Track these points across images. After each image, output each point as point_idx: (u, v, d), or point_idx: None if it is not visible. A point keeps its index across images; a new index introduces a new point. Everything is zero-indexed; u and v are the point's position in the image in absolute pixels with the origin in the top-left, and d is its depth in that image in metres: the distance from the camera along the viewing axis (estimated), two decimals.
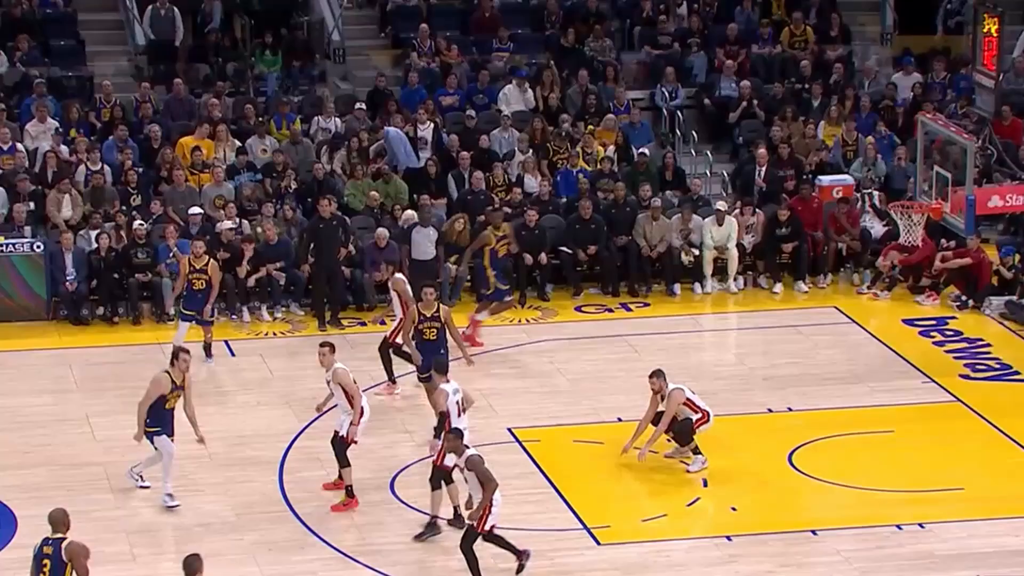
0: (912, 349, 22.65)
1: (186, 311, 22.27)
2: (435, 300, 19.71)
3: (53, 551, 13.44)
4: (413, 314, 19.56)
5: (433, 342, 19.53)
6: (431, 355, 19.14)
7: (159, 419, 17.72)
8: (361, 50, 30.25)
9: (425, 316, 19.56)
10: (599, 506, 17.78)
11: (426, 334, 19.65)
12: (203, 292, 22.06)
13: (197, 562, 13.73)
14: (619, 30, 30.54)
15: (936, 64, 29.78)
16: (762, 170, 26.60)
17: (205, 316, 22.19)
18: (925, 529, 17.28)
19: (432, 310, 19.59)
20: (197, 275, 22.02)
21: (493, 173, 26.05)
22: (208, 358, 22.18)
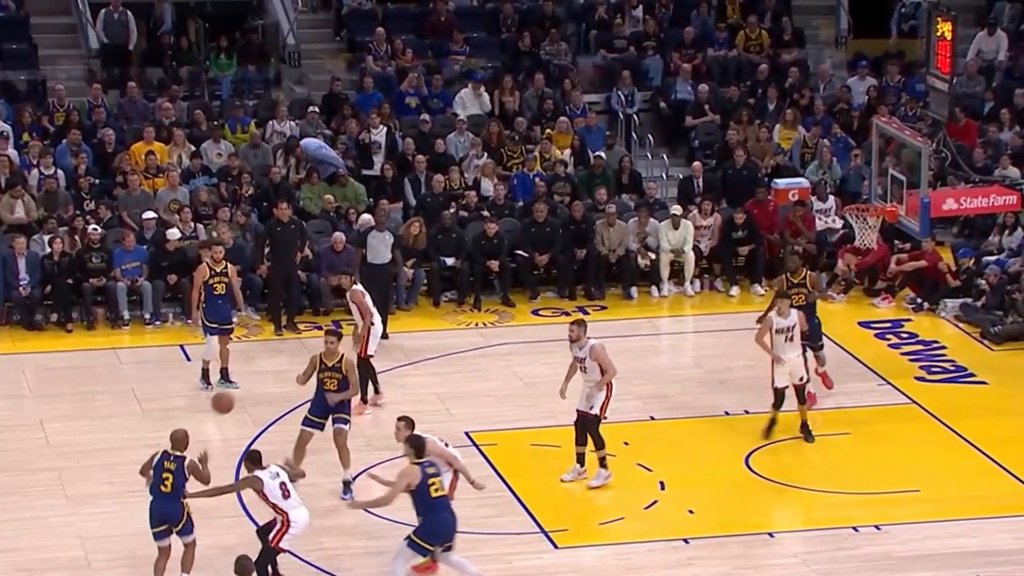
0: (868, 351, 22.75)
1: (210, 323, 21.24)
2: (338, 350, 18.14)
3: (176, 466, 15.64)
4: (314, 362, 18.21)
5: (332, 392, 18.18)
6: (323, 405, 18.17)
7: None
8: (316, 54, 30.20)
9: (327, 365, 18.07)
10: (556, 509, 17.78)
11: (326, 384, 18.10)
12: (224, 297, 21.30)
13: (249, 563, 14.26)
14: (575, 34, 30.58)
15: (890, 67, 29.94)
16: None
17: (240, 305, 21.95)
18: (882, 531, 17.35)
19: (334, 360, 18.11)
20: (218, 279, 21.22)
21: (449, 177, 26.04)
22: (209, 385, 21.21)
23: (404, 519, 16.29)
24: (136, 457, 17.99)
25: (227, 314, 21.37)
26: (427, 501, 15.25)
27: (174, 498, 15.79)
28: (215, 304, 21.22)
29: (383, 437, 19.67)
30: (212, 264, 21.34)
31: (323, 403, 18.17)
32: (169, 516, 15.87)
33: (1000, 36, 30.23)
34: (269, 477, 15.91)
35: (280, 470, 16.11)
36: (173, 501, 15.80)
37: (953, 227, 26.65)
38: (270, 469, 16.01)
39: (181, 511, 15.87)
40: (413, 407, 20.19)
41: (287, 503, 15.87)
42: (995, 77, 29.78)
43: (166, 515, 15.87)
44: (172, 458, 15.82)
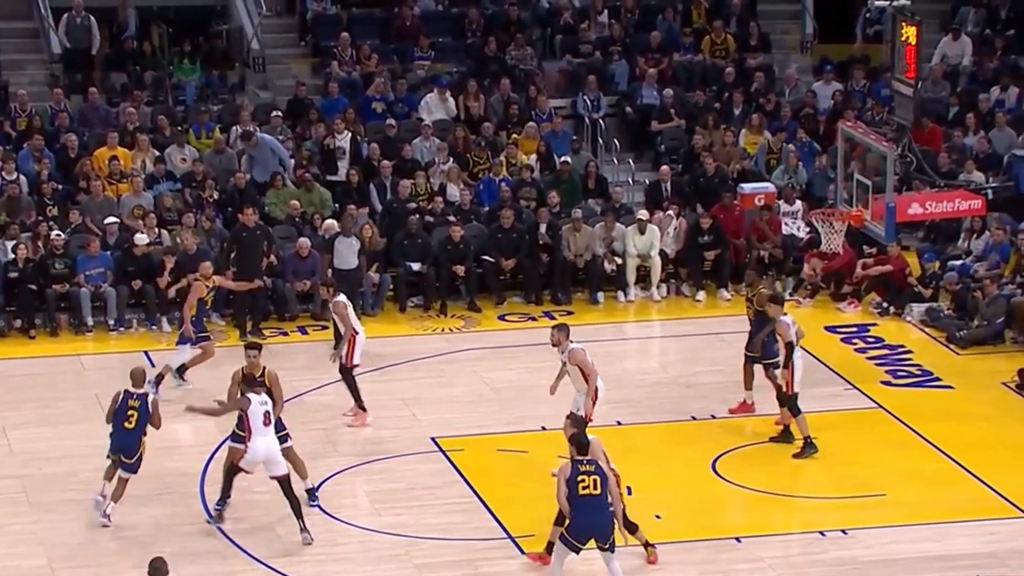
0: (834, 356, 22.85)
1: (199, 334, 21.69)
2: (259, 363, 17.87)
3: (140, 403, 16.98)
4: (237, 375, 18.00)
5: None
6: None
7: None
8: (280, 59, 30.18)
9: (253, 379, 17.91)
10: (523, 515, 17.80)
11: None
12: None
13: (164, 566, 14.05)
14: (540, 38, 30.63)
15: (856, 72, 30.09)
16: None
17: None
18: (848, 535, 17.42)
19: (257, 372, 17.82)
20: (210, 294, 21.73)
21: (415, 182, 26.07)
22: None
23: (370, 524, 16.29)
24: (101, 464, 17.99)
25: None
26: (575, 498, 15.19)
27: (135, 433, 17.32)
28: (206, 315, 21.89)
29: (348, 443, 19.74)
30: (205, 281, 21.57)
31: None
32: (125, 449, 17.34)
33: (964, 41, 30.41)
34: (258, 403, 16.94)
35: (267, 399, 17.11)
36: (134, 437, 17.32)
37: (919, 231, 26.81)
38: (261, 396, 17.05)
39: (137, 448, 17.35)
40: (379, 413, 20.30)
41: (258, 430, 16.87)
42: (959, 82, 29.96)
43: (123, 448, 17.36)
44: (135, 396, 17.31)
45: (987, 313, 23.26)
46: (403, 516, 17.75)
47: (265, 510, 17.87)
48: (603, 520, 15.30)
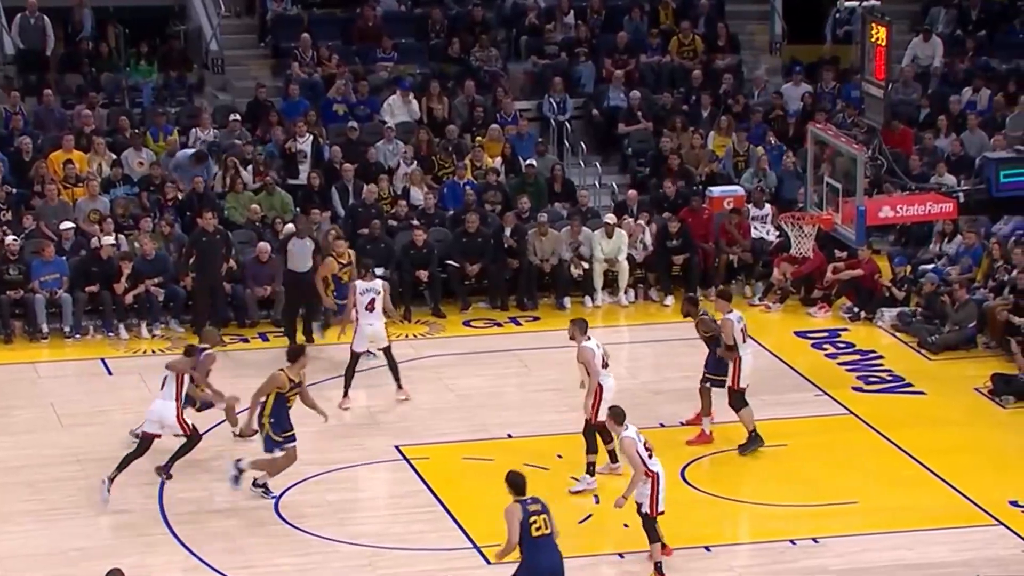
0: (804, 361, 22.94)
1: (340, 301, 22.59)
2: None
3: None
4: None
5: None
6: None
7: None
8: (240, 60, 30.16)
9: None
10: (490, 524, 17.76)
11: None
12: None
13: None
14: (505, 40, 30.69)
15: (825, 73, 30.23)
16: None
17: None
18: (819, 544, 17.50)
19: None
20: (345, 269, 22.66)
21: (379, 186, 26.06)
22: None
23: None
24: (57, 474, 17.97)
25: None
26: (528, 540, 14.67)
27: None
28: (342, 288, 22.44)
29: (311, 452, 19.73)
30: (339, 258, 22.67)
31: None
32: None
33: (935, 42, 30.59)
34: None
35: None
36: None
37: (890, 235, 26.94)
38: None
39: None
40: (342, 420, 20.32)
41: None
42: (930, 83, 30.13)
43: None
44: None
45: (958, 318, 23.38)
46: (367, 526, 17.77)
47: (228, 517, 17.87)
48: (558, 559, 14.86)
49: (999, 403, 21.44)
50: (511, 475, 14.90)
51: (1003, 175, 18.81)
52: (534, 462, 19.03)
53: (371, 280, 21.09)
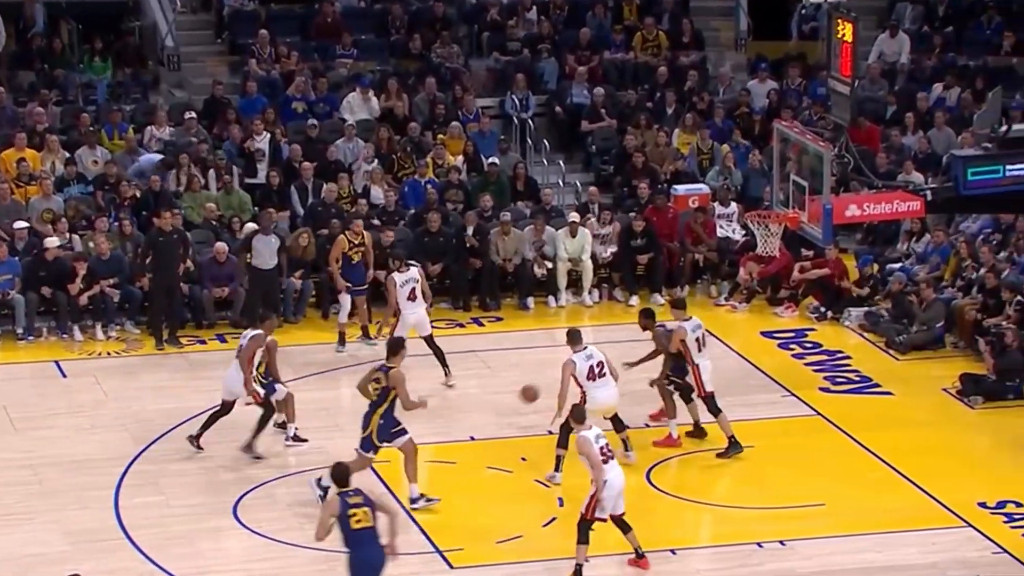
0: (771, 362, 23.02)
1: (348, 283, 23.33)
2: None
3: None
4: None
5: None
6: None
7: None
8: (196, 56, 30.08)
9: None
10: (452, 528, 17.85)
11: None
12: (360, 264, 23.33)
13: None
14: (467, 36, 30.69)
15: (791, 70, 30.33)
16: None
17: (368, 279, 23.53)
18: (786, 546, 17.56)
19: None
20: (356, 249, 23.28)
21: (339, 184, 26.03)
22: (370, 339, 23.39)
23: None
24: (10, 478, 17.88)
25: (361, 276, 23.37)
26: (350, 534, 14.72)
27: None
28: (351, 268, 23.20)
29: (269, 455, 19.69)
30: (351, 236, 23.30)
31: None
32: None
33: (902, 38, 30.72)
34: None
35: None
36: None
37: (857, 234, 27.05)
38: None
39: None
40: (302, 423, 20.28)
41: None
42: (897, 80, 30.26)
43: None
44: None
45: (926, 317, 23.49)
46: None
47: (185, 521, 17.84)
48: (380, 553, 14.91)
49: (967, 404, 21.55)
50: (335, 467, 15.08)
51: (971, 173, 18.88)
52: (497, 465, 19.07)
53: (407, 271, 21.75)
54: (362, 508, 14.71)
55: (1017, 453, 19.96)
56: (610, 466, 16.62)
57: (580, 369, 18.82)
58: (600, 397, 18.81)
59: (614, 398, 19.01)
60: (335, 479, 14.96)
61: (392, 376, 17.96)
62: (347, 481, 14.88)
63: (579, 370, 18.82)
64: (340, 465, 15.12)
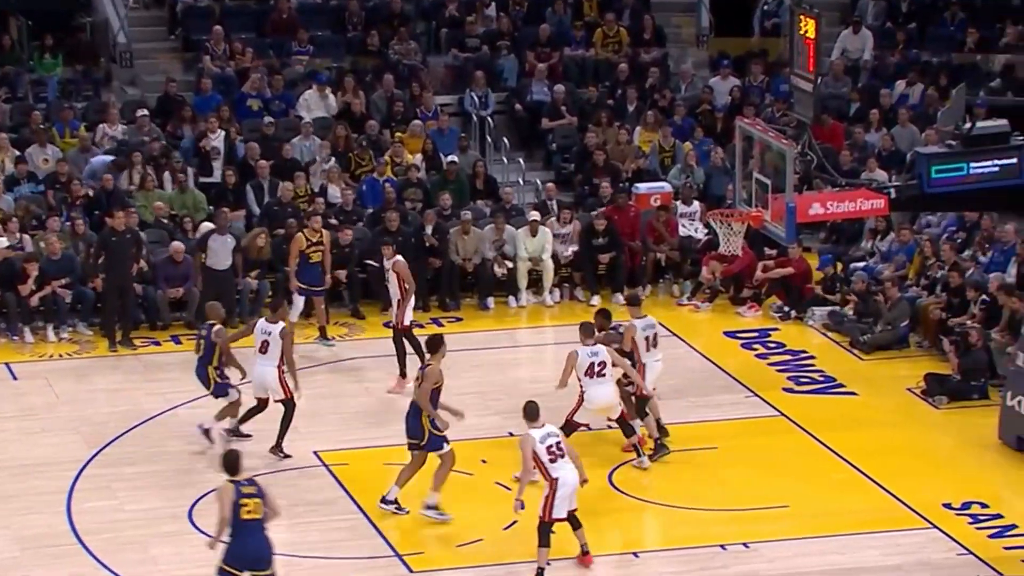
0: (734, 362, 23.08)
1: (303, 285, 23.31)
2: None
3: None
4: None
5: None
6: None
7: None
8: (149, 53, 30.00)
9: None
10: (412, 532, 17.85)
11: None
12: (319, 264, 23.18)
13: None
14: (425, 32, 30.68)
15: (753, 67, 30.42)
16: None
17: (328, 283, 23.53)
18: (750, 549, 17.60)
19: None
20: (314, 247, 23.17)
21: (295, 183, 25.98)
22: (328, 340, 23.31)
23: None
24: None
25: (319, 276, 23.28)
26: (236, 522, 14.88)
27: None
28: (309, 268, 23.17)
29: None
30: (309, 234, 23.18)
31: None
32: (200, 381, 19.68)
33: (865, 35, 30.84)
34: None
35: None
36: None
37: (820, 232, 27.14)
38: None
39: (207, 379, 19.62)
40: (258, 426, 20.24)
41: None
42: (861, 77, 30.38)
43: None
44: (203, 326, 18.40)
45: (891, 317, 23.58)
46: (284, 534, 17.57)
47: (138, 526, 17.78)
48: (264, 544, 15.01)
49: (932, 404, 21.65)
50: (226, 454, 15.20)
51: (935, 170, 18.95)
52: (457, 467, 19.03)
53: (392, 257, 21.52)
54: (254, 499, 14.87)
55: (982, 453, 20.07)
56: (560, 465, 16.66)
57: (581, 362, 18.92)
58: (596, 395, 18.91)
59: (611, 397, 19.08)
60: (225, 467, 15.05)
61: (429, 373, 17.96)
62: (238, 470, 15.00)
63: (580, 363, 18.92)
64: (231, 453, 15.21)
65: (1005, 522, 18.15)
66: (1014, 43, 30.38)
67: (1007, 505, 18.54)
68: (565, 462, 16.71)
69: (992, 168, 18.96)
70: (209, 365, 19.65)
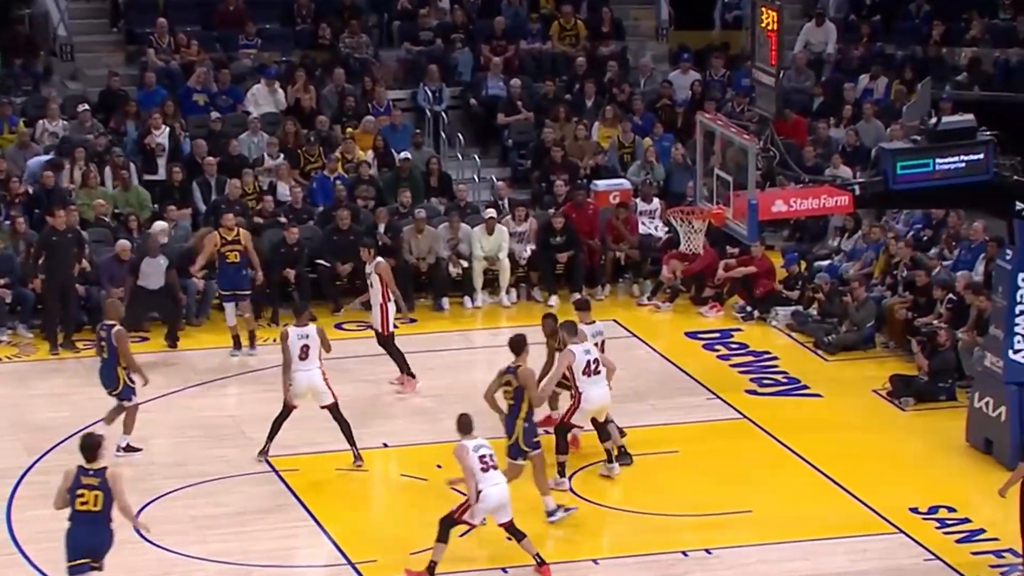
0: (696, 364, 23.14)
1: (224, 291, 23.06)
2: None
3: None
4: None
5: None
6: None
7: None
8: (91, 46, 29.92)
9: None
10: (364, 539, 17.84)
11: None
12: (237, 265, 22.87)
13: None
14: (377, 25, 30.67)
15: (714, 61, 30.54)
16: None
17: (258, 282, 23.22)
18: (712, 555, 17.66)
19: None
20: (230, 247, 22.81)
21: (243, 181, 25.93)
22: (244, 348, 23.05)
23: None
24: None
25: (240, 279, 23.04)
26: (72, 511, 15.06)
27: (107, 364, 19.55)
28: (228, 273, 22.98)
29: (172, 464, 19.58)
30: (224, 232, 22.89)
31: None
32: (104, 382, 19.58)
33: (829, 27, 30.99)
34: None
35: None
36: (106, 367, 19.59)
37: (783, 230, 27.25)
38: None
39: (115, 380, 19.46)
40: (205, 431, 20.26)
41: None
42: (824, 70, 30.52)
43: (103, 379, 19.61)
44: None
45: (858, 317, 23.66)
46: (233, 543, 17.70)
47: None
48: (98, 540, 15.19)
49: (898, 406, 21.77)
50: (84, 438, 15.29)
51: (900, 166, 19.07)
52: (411, 473, 19.07)
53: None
54: (94, 492, 14.98)
55: (950, 456, 20.19)
56: (488, 476, 16.67)
57: (578, 362, 18.95)
58: (594, 395, 18.96)
59: (607, 397, 19.14)
60: (82, 450, 15.14)
61: (521, 375, 17.99)
62: (95, 457, 15.07)
63: (577, 363, 18.94)
64: (90, 436, 15.33)
65: (973, 526, 18.26)
66: (980, 36, 30.59)
67: (975, 509, 18.64)
68: (495, 475, 16.72)
69: (959, 164, 19.09)
70: (118, 366, 19.46)
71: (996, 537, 17.87)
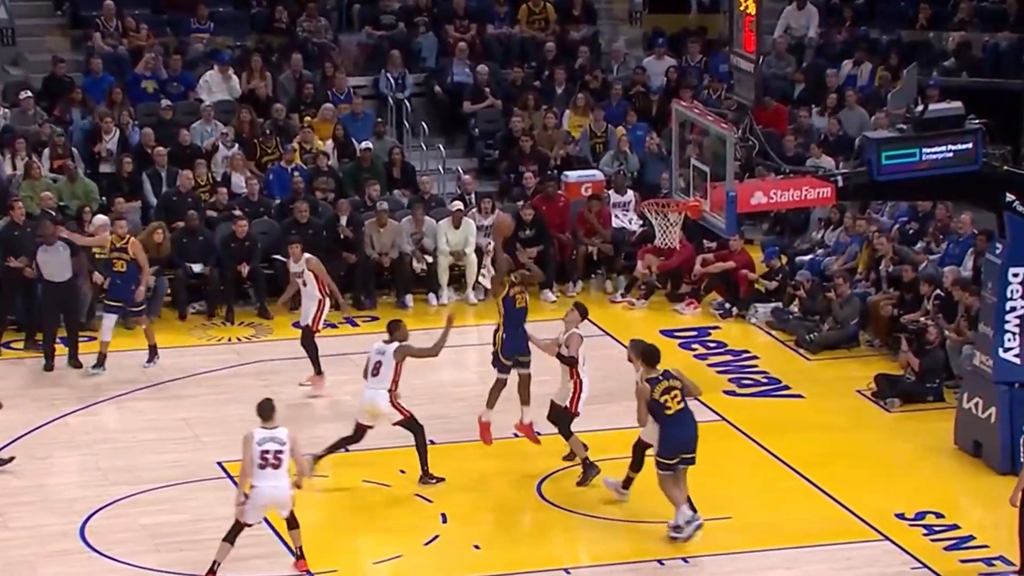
0: (672, 362, 22.99)
1: (109, 301, 22.57)
2: None
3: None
4: None
5: None
6: None
7: None
8: (34, 30, 29.90)
9: None
10: (324, 548, 17.84)
11: None
12: (124, 275, 22.40)
13: None
14: (336, 8, 30.69)
15: (691, 46, 30.62)
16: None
17: (138, 297, 22.47)
18: (690, 563, 17.72)
19: None
20: (117, 254, 22.40)
21: (195, 172, 25.93)
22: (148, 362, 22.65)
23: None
24: None
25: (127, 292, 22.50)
26: None
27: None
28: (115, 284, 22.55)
29: (121, 469, 19.58)
30: (114, 239, 22.49)
31: None
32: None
33: (810, 10, 31.09)
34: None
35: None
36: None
37: (763, 223, 27.34)
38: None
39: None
40: (156, 435, 20.28)
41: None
42: (806, 56, 30.62)
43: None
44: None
45: (842, 315, 23.73)
46: (187, 552, 17.70)
47: (26, 544, 17.71)
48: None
49: (883, 406, 21.87)
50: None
51: (885, 156, 19.14)
52: (374, 478, 19.10)
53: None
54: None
55: (937, 460, 20.29)
56: (265, 474, 16.71)
57: (585, 346, 19.29)
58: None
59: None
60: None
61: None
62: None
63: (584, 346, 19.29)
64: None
65: (962, 533, 18.35)
66: (968, 20, 30.72)
67: (963, 515, 18.75)
68: (275, 473, 16.74)
69: (946, 154, 19.18)
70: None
71: (986, 544, 17.98)
